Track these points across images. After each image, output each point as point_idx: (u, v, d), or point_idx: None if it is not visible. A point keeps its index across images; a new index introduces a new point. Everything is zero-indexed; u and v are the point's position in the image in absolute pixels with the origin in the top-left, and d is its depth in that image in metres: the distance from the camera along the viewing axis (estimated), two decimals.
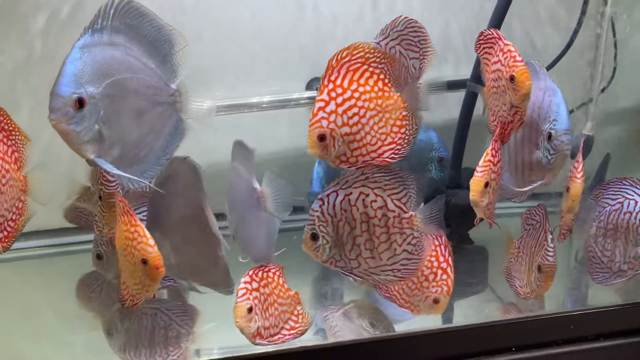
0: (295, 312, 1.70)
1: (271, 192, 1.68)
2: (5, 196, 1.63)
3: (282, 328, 1.67)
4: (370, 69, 1.52)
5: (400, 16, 1.61)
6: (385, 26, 1.61)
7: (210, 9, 2.46)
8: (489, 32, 1.75)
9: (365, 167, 1.59)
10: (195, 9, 2.44)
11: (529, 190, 1.89)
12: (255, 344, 1.61)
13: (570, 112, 2.16)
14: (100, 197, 1.73)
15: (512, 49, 1.66)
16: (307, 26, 2.56)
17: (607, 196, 1.94)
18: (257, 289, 1.62)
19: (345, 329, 1.86)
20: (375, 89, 1.52)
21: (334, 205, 1.62)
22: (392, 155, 1.57)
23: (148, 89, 1.62)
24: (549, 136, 1.78)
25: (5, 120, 1.66)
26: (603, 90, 2.62)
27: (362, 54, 1.52)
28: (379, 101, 1.52)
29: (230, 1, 2.48)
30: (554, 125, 1.77)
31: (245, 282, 1.62)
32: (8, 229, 1.69)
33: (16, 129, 1.69)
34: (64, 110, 1.45)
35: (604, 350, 1.82)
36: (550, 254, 1.78)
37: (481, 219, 1.74)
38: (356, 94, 1.49)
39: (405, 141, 1.58)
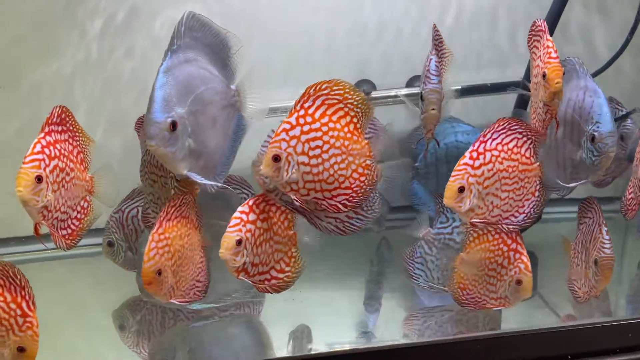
0: (289, 254, 1.62)
1: None
2: (70, 193, 1.65)
3: (272, 268, 1.60)
4: (346, 109, 1.49)
5: None
6: None
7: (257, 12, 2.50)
8: (539, 24, 1.70)
9: (316, 206, 1.54)
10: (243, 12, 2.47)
11: (573, 187, 1.83)
12: (238, 278, 1.56)
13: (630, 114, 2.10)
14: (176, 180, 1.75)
15: (550, 44, 1.61)
16: (352, 30, 2.56)
17: None
18: (253, 222, 1.53)
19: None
20: (345, 129, 1.48)
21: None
22: (345, 202, 1.52)
23: (217, 96, 1.67)
24: (592, 138, 1.73)
25: (70, 122, 1.69)
26: None
27: (341, 91, 1.49)
28: (346, 142, 1.49)
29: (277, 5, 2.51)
30: (597, 127, 1.72)
31: (242, 212, 1.53)
32: (72, 226, 1.72)
33: (80, 131, 1.73)
34: (161, 136, 1.51)
35: None
36: (606, 246, 1.71)
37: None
38: (324, 128, 1.46)
39: (362, 190, 1.52)
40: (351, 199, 1.53)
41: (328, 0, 2.53)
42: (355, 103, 1.50)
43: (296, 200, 1.51)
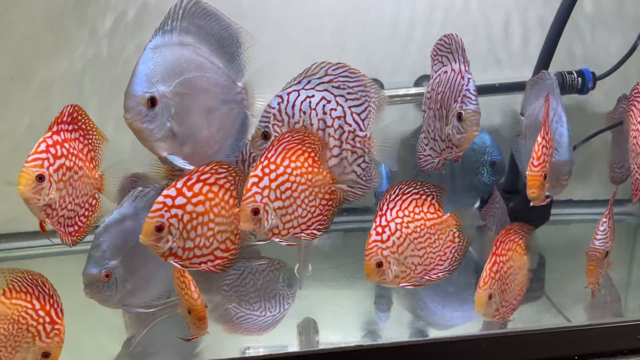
0: (235, 232, 1.60)
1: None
2: (77, 192, 1.67)
3: (217, 249, 1.58)
4: (304, 148, 1.58)
5: (323, 63, 1.65)
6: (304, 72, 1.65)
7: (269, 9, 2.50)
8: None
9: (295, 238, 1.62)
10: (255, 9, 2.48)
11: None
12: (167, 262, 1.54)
13: None
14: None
15: None
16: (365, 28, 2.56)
17: None
18: (181, 206, 1.50)
19: None
20: (306, 164, 1.59)
21: (294, 105, 1.63)
22: (318, 227, 1.63)
23: (216, 88, 1.66)
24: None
25: (83, 120, 1.70)
26: None
27: (300, 135, 1.58)
28: (309, 176, 1.59)
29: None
30: (556, 155, 1.79)
31: (166, 197, 1.50)
32: (79, 223, 1.74)
33: (94, 129, 1.73)
34: (137, 109, 1.51)
35: None
36: (597, 237, 1.76)
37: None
38: (288, 170, 1.56)
39: (332, 213, 1.65)
40: (323, 222, 1.65)
41: None
42: (311, 141, 1.60)
43: (281, 241, 1.60)
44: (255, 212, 1.53)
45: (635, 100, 1.86)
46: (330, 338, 1.81)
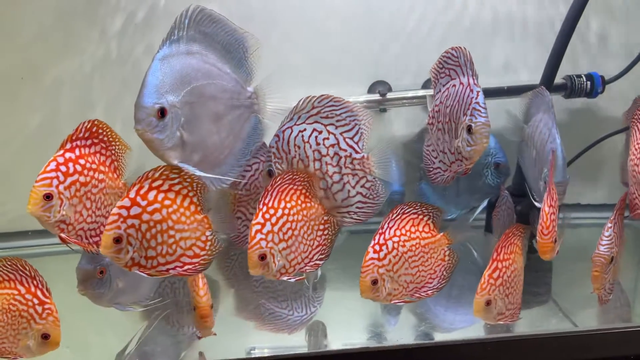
0: (203, 238, 1.61)
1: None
2: (98, 204, 1.68)
3: (183, 255, 1.58)
4: (294, 186, 1.66)
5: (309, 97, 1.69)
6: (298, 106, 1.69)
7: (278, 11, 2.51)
8: None
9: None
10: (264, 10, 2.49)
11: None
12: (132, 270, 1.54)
13: None
14: None
15: None
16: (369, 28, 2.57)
17: None
18: (137, 216, 1.51)
19: None
20: (299, 201, 1.66)
21: (288, 141, 1.69)
22: (320, 257, 1.70)
23: (225, 94, 1.67)
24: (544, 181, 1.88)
25: (104, 133, 1.71)
26: None
27: (290, 176, 1.65)
28: (304, 212, 1.66)
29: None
30: (547, 176, 1.82)
31: (121, 207, 1.50)
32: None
33: (116, 139, 1.74)
34: (147, 121, 1.51)
35: None
36: (602, 243, 1.76)
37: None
38: (286, 211, 1.62)
39: (330, 241, 1.72)
40: (324, 252, 1.72)
41: (345, 1, 2.54)
42: (300, 178, 1.66)
43: (289, 279, 1.65)
44: (262, 257, 1.58)
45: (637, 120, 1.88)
46: (337, 340, 1.82)
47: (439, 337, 1.83)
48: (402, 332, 1.88)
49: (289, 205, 1.62)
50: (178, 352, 1.79)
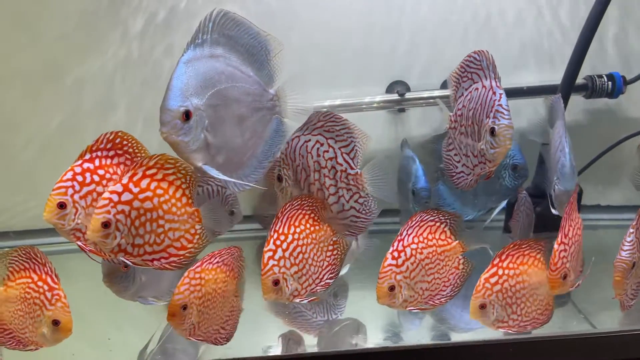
0: (192, 231, 1.60)
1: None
2: None
3: (170, 246, 1.58)
4: (303, 211, 1.71)
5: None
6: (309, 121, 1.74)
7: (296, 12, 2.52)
8: None
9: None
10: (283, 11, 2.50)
11: None
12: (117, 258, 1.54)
13: None
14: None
15: None
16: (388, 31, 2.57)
17: None
18: (128, 202, 1.51)
19: None
20: (308, 225, 1.71)
21: (294, 149, 1.74)
22: (330, 276, 1.74)
23: (248, 96, 1.69)
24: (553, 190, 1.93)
25: (129, 144, 1.72)
26: None
27: (299, 202, 1.71)
28: (313, 235, 1.71)
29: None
30: (557, 184, 1.88)
31: (112, 192, 1.51)
32: None
33: (142, 151, 1.74)
34: (172, 123, 1.54)
35: None
36: (624, 248, 1.74)
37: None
38: (295, 235, 1.68)
39: (339, 260, 1.77)
40: (333, 271, 1.75)
41: (364, 1, 2.54)
42: (308, 203, 1.72)
43: (302, 300, 1.69)
44: (276, 282, 1.63)
45: None
46: (356, 339, 1.82)
47: (458, 337, 1.82)
48: (420, 333, 1.88)
49: (298, 230, 1.67)
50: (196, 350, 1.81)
